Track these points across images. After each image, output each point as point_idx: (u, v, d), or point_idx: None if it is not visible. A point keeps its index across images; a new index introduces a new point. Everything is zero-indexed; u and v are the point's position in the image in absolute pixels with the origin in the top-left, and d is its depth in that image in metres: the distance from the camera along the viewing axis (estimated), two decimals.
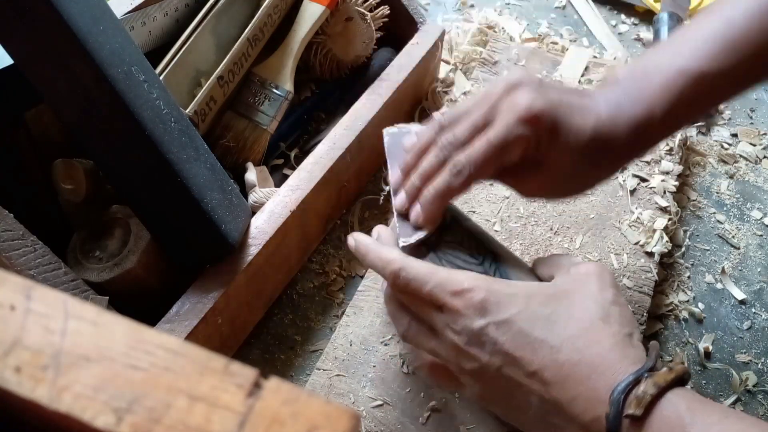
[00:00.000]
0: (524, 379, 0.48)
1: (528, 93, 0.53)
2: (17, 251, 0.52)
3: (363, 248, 0.58)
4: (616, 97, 0.55)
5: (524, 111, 0.52)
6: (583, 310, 0.49)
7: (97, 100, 0.53)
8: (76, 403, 0.27)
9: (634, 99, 0.54)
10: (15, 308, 0.29)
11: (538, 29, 1.11)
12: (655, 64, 0.56)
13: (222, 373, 0.28)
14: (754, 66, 0.55)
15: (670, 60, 0.55)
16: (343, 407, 0.27)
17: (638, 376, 0.45)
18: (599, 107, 0.54)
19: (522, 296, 0.50)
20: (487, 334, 0.49)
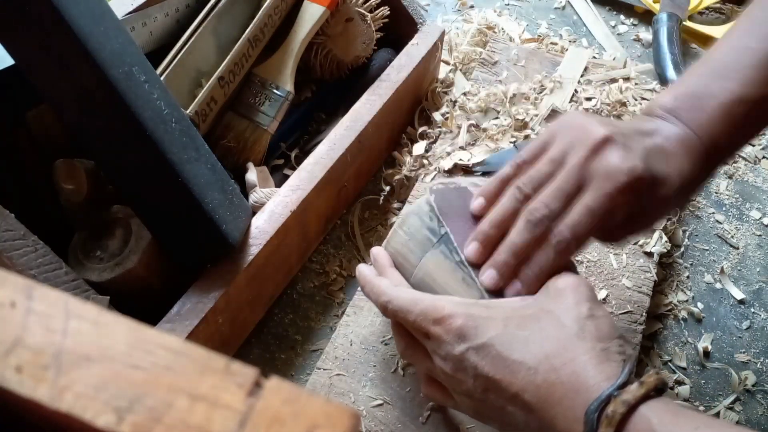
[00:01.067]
0: (507, 401, 0.49)
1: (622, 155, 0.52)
2: (18, 251, 0.52)
3: (362, 280, 0.60)
4: (679, 130, 0.55)
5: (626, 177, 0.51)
6: (559, 328, 0.49)
7: (98, 101, 0.53)
8: (77, 402, 0.27)
9: (696, 132, 0.54)
10: (15, 305, 0.29)
11: (538, 30, 1.11)
12: (707, 90, 0.55)
13: (223, 372, 0.28)
14: None
15: (722, 86, 0.55)
16: (343, 407, 0.27)
17: (609, 394, 0.44)
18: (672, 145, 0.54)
19: (499, 319, 0.50)
20: (468, 359, 0.49)
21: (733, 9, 1.17)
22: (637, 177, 0.51)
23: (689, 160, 0.54)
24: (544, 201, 0.53)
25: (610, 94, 0.88)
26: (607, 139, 0.53)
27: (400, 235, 0.62)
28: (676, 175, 0.53)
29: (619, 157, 0.52)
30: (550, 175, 0.55)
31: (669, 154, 0.54)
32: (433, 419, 0.63)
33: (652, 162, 0.52)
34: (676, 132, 0.55)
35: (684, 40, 1.09)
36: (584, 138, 0.53)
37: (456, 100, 0.91)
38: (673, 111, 0.56)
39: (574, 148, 0.54)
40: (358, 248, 0.82)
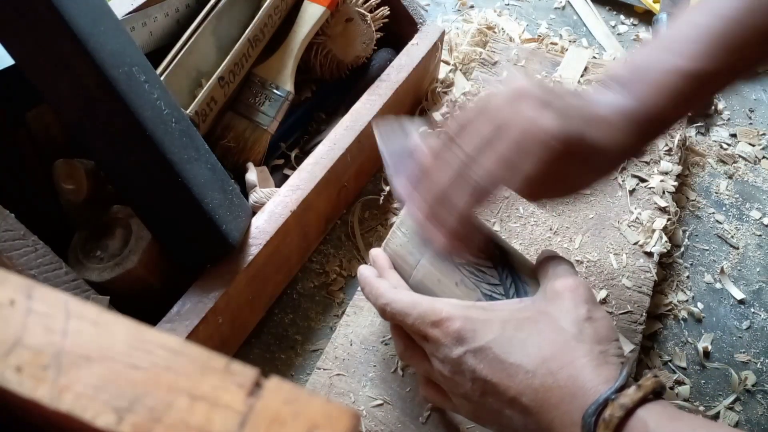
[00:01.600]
0: (504, 405, 0.49)
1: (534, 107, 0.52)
2: (18, 251, 0.52)
3: (362, 281, 0.60)
4: (618, 101, 0.55)
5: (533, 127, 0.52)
6: (557, 331, 0.49)
7: (98, 101, 0.53)
8: (77, 402, 0.27)
9: (637, 102, 0.54)
10: (15, 303, 0.29)
11: (538, 30, 1.11)
12: (651, 64, 0.56)
13: (223, 372, 0.28)
14: (746, 59, 0.56)
15: (666, 59, 0.55)
16: (343, 407, 0.27)
17: (606, 397, 0.44)
18: (606, 110, 0.54)
19: (497, 322, 0.51)
20: (465, 362, 0.50)
21: None
22: (542, 129, 0.51)
23: (623, 129, 0.54)
24: (459, 143, 0.55)
25: None
26: (524, 91, 0.54)
27: (398, 236, 0.62)
28: (612, 144, 0.53)
29: (531, 108, 0.52)
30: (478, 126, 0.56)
31: (597, 119, 0.53)
32: (433, 419, 0.63)
33: (571, 121, 0.52)
34: (615, 100, 0.55)
35: None
36: (518, 96, 0.54)
37: (456, 100, 0.91)
38: (619, 80, 0.56)
39: (505, 105, 0.54)
40: (358, 248, 0.81)
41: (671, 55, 0.55)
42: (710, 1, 0.57)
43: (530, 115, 0.52)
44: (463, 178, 0.54)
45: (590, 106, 0.54)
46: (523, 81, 0.55)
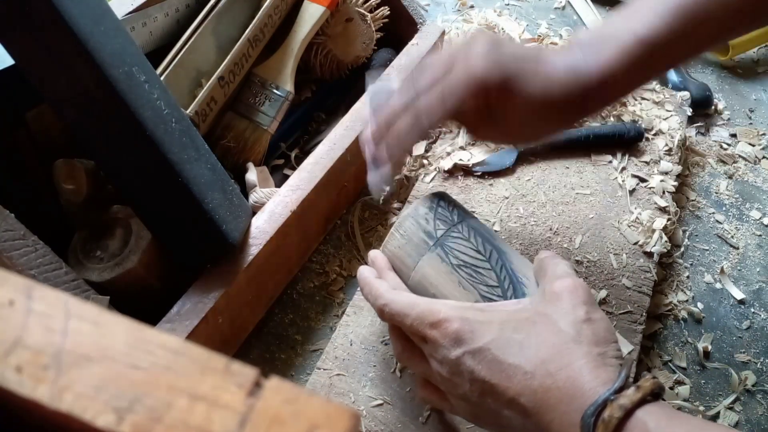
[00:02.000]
0: (503, 405, 0.49)
1: (480, 52, 0.56)
2: (18, 251, 0.52)
3: (361, 282, 0.60)
4: (574, 60, 0.57)
5: (476, 62, 0.55)
6: (555, 332, 0.49)
7: (98, 101, 0.53)
8: (77, 402, 0.27)
9: (590, 63, 0.56)
10: (15, 303, 0.29)
11: (538, 30, 1.11)
12: (612, 30, 0.57)
13: (223, 372, 0.28)
14: (705, 31, 0.57)
15: (625, 26, 0.57)
16: (343, 407, 0.27)
17: (605, 399, 0.44)
18: (554, 70, 0.56)
19: (496, 323, 0.51)
20: (464, 363, 0.50)
21: None
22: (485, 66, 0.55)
23: (563, 83, 0.56)
24: (416, 79, 0.59)
25: None
26: (478, 37, 0.57)
27: (396, 238, 0.62)
28: (537, 90, 0.56)
29: (478, 53, 0.56)
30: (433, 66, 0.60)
31: (542, 74, 0.56)
32: (432, 419, 0.63)
33: (512, 64, 0.56)
34: (567, 58, 0.57)
35: None
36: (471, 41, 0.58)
37: None
38: (579, 43, 0.58)
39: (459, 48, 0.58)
40: (358, 248, 0.81)
41: (630, 22, 0.57)
42: None
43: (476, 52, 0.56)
44: (411, 109, 0.58)
45: (535, 59, 0.57)
46: (479, 32, 0.59)
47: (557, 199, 0.80)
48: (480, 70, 0.55)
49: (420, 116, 0.58)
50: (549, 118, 0.59)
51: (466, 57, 0.56)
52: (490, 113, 0.58)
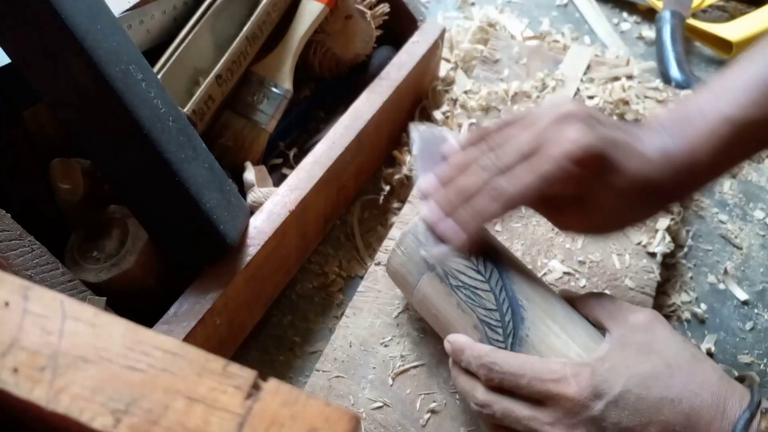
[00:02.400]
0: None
1: (579, 128, 0.52)
2: (14, 251, 0.52)
3: (458, 346, 0.56)
4: (662, 141, 0.54)
5: (574, 148, 0.51)
6: (674, 356, 0.50)
7: (95, 99, 0.53)
8: (73, 404, 0.27)
9: (679, 145, 0.54)
10: (11, 304, 0.29)
11: (540, 27, 1.11)
12: (699, 109, 0.55)
13: (220, 374, 0.27)
14: None
15: (714, 106, 0.54)
16: (342, 409, 0.26)
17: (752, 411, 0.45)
18: (648, 150, 0.54)
19: (619, 365, 0.50)
20: (608, 417, 0.48)
21: (737, 6, 1.17)
22: (590, 154, 0.51)
23: (657, 165, 0.53)
24: (497, 153, 0.56)
25: (612, 92, 0.88)
26: (572, 114, 0.53)
27: (398, 255, 0.62)
28: (637, 173, 0.53)
29: (576, 130, 0.52)
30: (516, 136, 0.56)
31: (638, 153, 0.53)
32: (432, 421, 0.63)
33: (611, 148, 0.52)
34: (656, 140, 0.55)
35: (687, 37, 1.08)
36: (554, 109, 0.54)
37: (457, 98, 0.90)
38: (663, 123, 0.56)
39: (543, 117, 0.55)
40: (358, 248, 0.81)
41: (717, 102, 0.54)
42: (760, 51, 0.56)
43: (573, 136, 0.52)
44: (494, 186, 0.54)
45: (629, 136, 0.54)
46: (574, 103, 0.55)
47: None
48: (578, 150, 0.51)
49: (502, 196, 0.54)
50: (645, 203, 0.56)
51: (560, 133, 0.52)
52: (579, 199, 0.55)
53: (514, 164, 0.54)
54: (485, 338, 0.56)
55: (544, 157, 0.52)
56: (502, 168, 0.54)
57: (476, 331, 0.57)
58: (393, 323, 0.69)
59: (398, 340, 0.68)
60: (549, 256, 0.75)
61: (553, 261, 0.74)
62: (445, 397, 0.64)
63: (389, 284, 0.71)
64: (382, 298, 0.71)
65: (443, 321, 0.59)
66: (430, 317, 0.62)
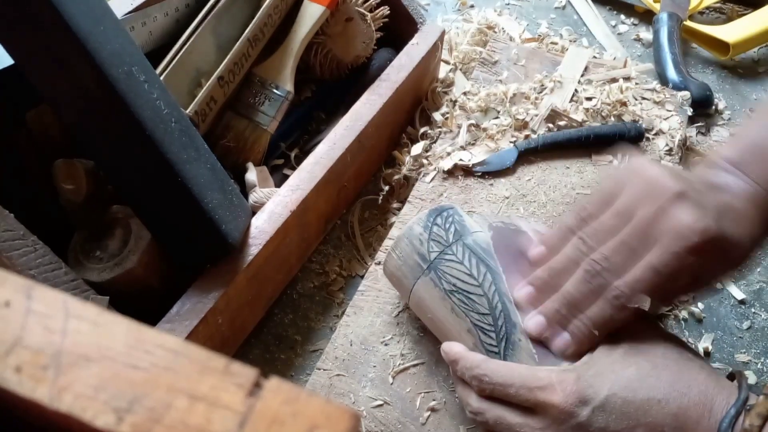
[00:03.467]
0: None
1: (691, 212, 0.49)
2: (18, 251, 0.52)
3: (453, 356, 0.56)
4: (748, 186, 0.52)
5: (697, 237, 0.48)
6: (661, 356, 0.49)
7: (98, 101, 0.53)
8: (76, 402, 0.27)
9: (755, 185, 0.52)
10: (14, 303, 0.29)
11: (538, 29, 1.11)
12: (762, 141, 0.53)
13: (222, 372, 0.28)
14: None
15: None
16: (343, 407, 0.27)
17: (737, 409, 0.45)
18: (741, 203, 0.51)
19: (604, 369, 0.49)
20: (595, 423, 0.48)
21: (734, 8, 1.17)
22: (710, 239, 0.48)
23: (759, 219, 0.51)
24: (605, 254, 0.52)
25: (610, 94, 0.88)
26: (680, 195, 0.50)
27: (393, 258, 0.62)
28: (747, 237, 0.50)
29: (692, 215, 0.49)
30: (616, 228, 0.52)
31: (740, 214, 0.51)
32: (432, 419, 0.63)
33: (724, 223, 0.49)
34: (744, 188, 0.52)
35: (684, 39, 1.09)
36: (655, 192, 0.51)
37: (456, 99, 0.91)
38: (739, 165, 0.53)
39: (642, 203, 0.51)
40: (358, 248, 0.81)
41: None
42: None
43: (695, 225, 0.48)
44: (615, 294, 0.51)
45: (722, 195, 0.52)
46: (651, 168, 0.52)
47: (558, 199, 0.80)
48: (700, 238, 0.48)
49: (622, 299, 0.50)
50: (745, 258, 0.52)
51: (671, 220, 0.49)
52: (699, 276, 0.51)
53: (626, 265, 0.51)
54: (479, 342, 0.56)
55: (663, 253, 0.49)
56: (613, 272, 0.51)
57: (470, 335, 0.57)
58: (393, 322, 0.69)
59: (398, 338, 0.68)
60: None
61: None
62: (444, 396, 0.64)
63: (389, 284, 0.71)
64: (382, 297, 0.71)
65: (438, 325, 0.60)
66: (426, 320, 0.62)
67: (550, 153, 0.84)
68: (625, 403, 0.47)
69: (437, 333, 0.62)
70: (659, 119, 0.87)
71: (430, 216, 0.62)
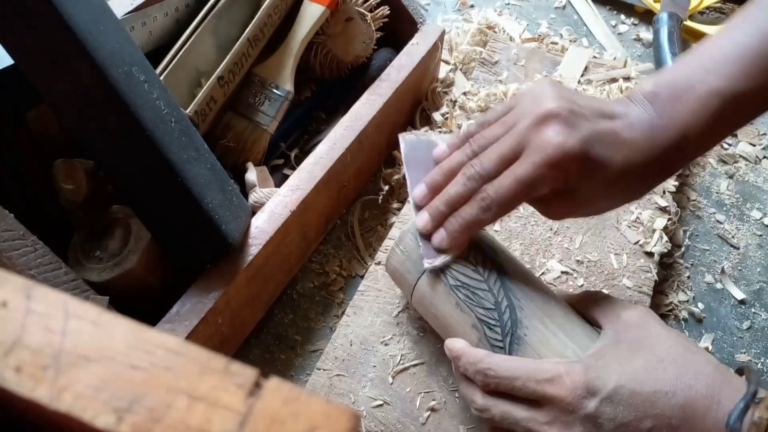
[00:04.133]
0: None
1: (559, 130, 0.52)
2: (18, 251, 0.52)
3: (456, 351, 0.56)
4: (649, 118, 0.53)
5: (555, 152, 0.51)
6: (667, 350, 0.50)
7: (98, 101, 0.53)
8: (76, 402, 0.27)
9: (667, 121, 0.53)
10: (14, 303, 0.29)
11: (538, 29, 1.11)
12: (684, 81, 0.54)
13: (222, 372, 0.28)
14: None
15: (702, 79, 0.53)
16: (343, 407, 0.27)
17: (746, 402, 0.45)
18: (632, 134, 0.53)
19: (611, 360, 0.50)
20: (603, 413, 0.48)
21: (734, 8, 1.17)
22: (565, 153, 0.51)
23: (641, 147, 0.53)
24: (481, 159, 0.56)
25: (610, 94, 0.88)
26: (552, 114, 0.53)
27: (397, 253, 0.62)
28: (620, 161, 0.52)
29: (556, 132, 0.52)
30: (499, 137, 0.56)
31: (620, 140, 0.53)
32: (432, 419, 0.63)
33: (594, 144, 0.52)
34: (641, 118, 0.54)
35: (685, 39, 1.09)
36: (535, 108, 0.54)
37: (456, 99, 0.91)
38: (651, 98, 0.55)
39: (524, 116, 0.55)
40: (358, 248, 0.81)
41: (706, 74, 0.53)
42: (751, 19, 0.55)
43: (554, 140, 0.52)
44: (482, 196, 0.55)
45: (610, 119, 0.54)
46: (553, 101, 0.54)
47: None
48: (559, 154, 0.51)
49: (490, 205, 0.54)
50: (631, 187, 0.56)
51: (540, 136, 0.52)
52: (565, 190, 0.54)
53: (498, 170, 0.55)
54: (484, 338, 0.56)
55: (526, 164, 0.53)
56: (485, 176, 0.55)
57: (475, 330, 0.57)
58: (393, 322, 0.69)
59: (398, 338, 0.68)
60: (547, 255, 0.75)
61: (551, 261, 0.74)
62: (444, 396, 0.64)
63: (389, 283, 0.71)
64: (382, 297, 0.71)
65: (442, 320, 0.60)
66: (429, 316, 0.62)
67: None
68: (632, 395, 0.48)
69: (440, 329, 0.62)
70: None
71: None
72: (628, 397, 0.48)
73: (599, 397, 0.48)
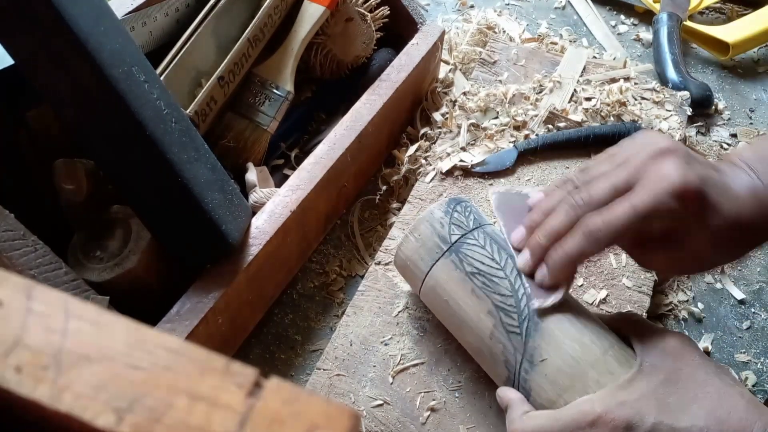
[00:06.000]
0: None
1: (679, 164, 0.50)
2: (18, 251, 0.52)
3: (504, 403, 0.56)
4: (750, 181, 0.52)
5: (678, 184, 0.49)
6: (703, 383, 0.50)
7: (98, 101, 0.53)
8: (76, 402, 0.27)
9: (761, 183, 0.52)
10: (14, 303, 0.29)
11: (538, 29, 1.11)
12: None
13: (222, 372, 0.28)
14: None
15: None
16: (343, 407, 0.27)
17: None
18: (740, 189, 0.52)
19: (648, 394, 0.50)
20: None
21: (733, 9, 1.17)
22: (686, 184, 0.49)
23: (748, 203, 0.51)
24: (588, 190, 0.53)
25: (610, 94, 0.88)
26: (670, 150, 0.51)
27: (411, 241, 0.62)
28: (732, 211, 0.51)
29: (675, 165, 0.50)
30: (606, 172, 0.54)
31: (731, 192, 0.51)
32: (432, 419, 0.63)
33: (709, 186, 0.50)
34: (746, 180, 0.52)
35: (684, 39, 1.09)
36: (649, 146, 0.52)
37: (456, 99, 0.91)
38: (750, 162, 0.53)
39: (637, 153, 0.52)
40: (358, 248, 0.81)
41: None
42: None
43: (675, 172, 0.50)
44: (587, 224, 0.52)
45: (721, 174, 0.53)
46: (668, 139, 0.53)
47: None
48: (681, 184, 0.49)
49: (598, 234, 0.51)
50: (735, 244, 0.53)
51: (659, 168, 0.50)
52: (669, 238, 0.52)
53: (607, 200, 0.52)
54: (499, 323, 0.56)
55: (643, 192, 0.50)
56: (593, 205, 0.52)
57: (490, 316, 0.57)
58: (393, 322, 0.69)
59: (398, 338, 0.68)
60: None
61: None
62: (444, 395, 0.64)
63: (389, 283, 0.71)
64: (382, 297, 0.71)
65: (455, 307, 0.60)
66: (440, 304, 0.62)
67: (549, 153, 0.84)
68: (669, 431, 0.48)
69: (451, 318, 0.61)
70: (659, 119, 0.87)
71: (450, 203, 0.63)
72: None
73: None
